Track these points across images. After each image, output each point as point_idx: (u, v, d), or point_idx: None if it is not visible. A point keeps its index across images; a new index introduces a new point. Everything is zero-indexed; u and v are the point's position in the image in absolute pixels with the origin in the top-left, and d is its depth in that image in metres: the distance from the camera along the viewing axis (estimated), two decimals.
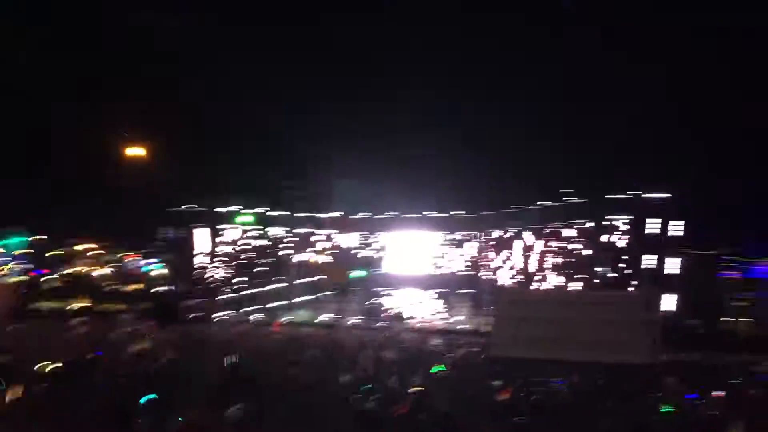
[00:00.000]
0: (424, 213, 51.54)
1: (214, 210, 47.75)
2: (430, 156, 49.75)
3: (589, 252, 39.47)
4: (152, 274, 75.63)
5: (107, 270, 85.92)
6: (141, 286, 64.51)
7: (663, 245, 37.01)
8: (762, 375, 22.85)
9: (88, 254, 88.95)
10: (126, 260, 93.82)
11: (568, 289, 39.43)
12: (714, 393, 19.54)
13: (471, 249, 49.05)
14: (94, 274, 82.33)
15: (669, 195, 37.58)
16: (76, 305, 51.55)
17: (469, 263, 48.05)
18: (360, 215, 54.35)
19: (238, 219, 48.11)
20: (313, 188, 50.28)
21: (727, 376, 23.38)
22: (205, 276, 47.88)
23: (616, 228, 38.27)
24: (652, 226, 37.14)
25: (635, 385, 20.03)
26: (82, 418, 12.59)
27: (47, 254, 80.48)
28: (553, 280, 42.33)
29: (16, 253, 77.13)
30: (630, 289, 34.49)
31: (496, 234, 48.96)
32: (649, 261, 36.07)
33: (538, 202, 44.51)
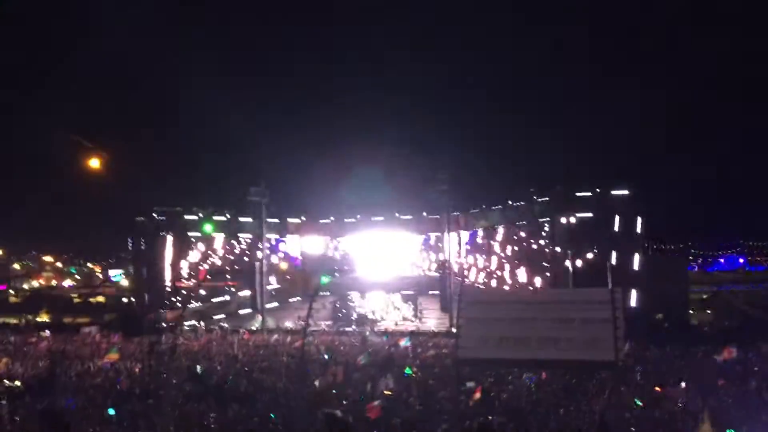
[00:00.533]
0: (391, 215, 51.67)
1: (181, 217, 47.12)
2: (397, 156, 49.99)
3: (553, 250, 39.86)
4: (117, 284, 74.78)
5: (70, 282, 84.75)
6: (105, 297, 63.68)
7: (627, 241, 37.55)
8: (725, 364, 23.35)
9: (49, 267, 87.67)
10: (90, 271, 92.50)
11: (534, 288, 39.80)
12: (681, 385, 19.95)
13: (439, 250, 49.26)
14: (56, 286, 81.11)
15: (631, 192, 38.11)
16: (38, 319, 50.57)
17: (438, 265, 48.24)
18: (325, 220, 54.30)
19: (205, 226, 47.53)
20: (278, 194, 50.01)
21: (693, 368, 23.88)
22: (172, 285, 47.22)
23: (580, 225, 38.72)
24: (617, 222, 37.65)
25: (603, 382, 20.35)
26: None
27: (8, 267, 79.04)
28: (519, 280, 42.71)
29: None
30: (594, 287, 34.93)
31: (463, 235, 49.26)
32: (614, 257, 36.52)
33: (504, 202, 44.85)
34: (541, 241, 41.42)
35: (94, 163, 23.65)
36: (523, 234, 43.25)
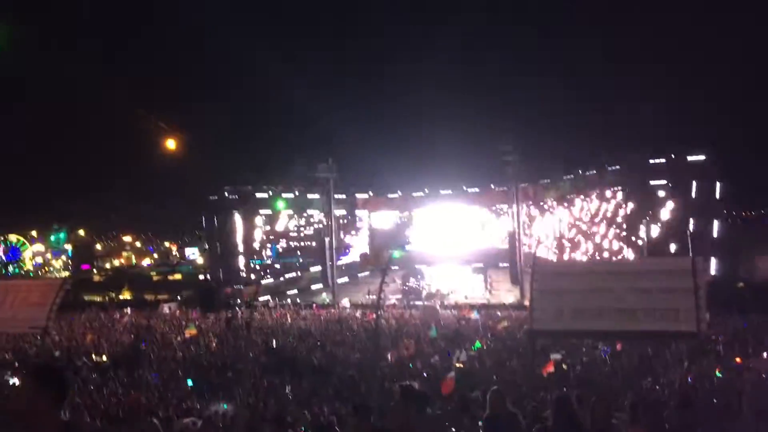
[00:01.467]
0: (459, 188, 51.28)
1: (252, 195, 48.22)
2: (464, 129, 49.44)
3: (628, 218, 38.82)
4: (193, 261, 77.24)
5: (149, 261, 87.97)
6: (182, 275, 65.88)
7: (706, 208, 36.18)
8: None
9: (128, 247, 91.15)
10: (167, 250, 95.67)
11: (610, 258, 38.92)
12: (764, 355, 19.22)
13: (508, 223, 48.68)
14: (137, 265, 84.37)
15: (709, 157, 36.56)
16: (120, 297, 52.78)
17: (507, 237, 47.70)
18: (393, 194, 54.35)
19: (277, 203, 48.55)
20: (346, 169, 50.37)
21: None
22: (246, 261, 48.47)
23: (657, 193, 37.51)
24: (694, 189, 36.27)
25: (680, 353, 19.79)
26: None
27: (91, 248, 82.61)
28: (592, 250, 41.86)
29: (58, 248, 79.34)
30: (673, 255, 33.90)
31: (533, 207, 48.52)
32: (691, 225, 35.31)
33: (575, 171, 43.84)
34: (617, 211, 40.41)
35: (171, 144, 24.35)
36: (596, 202, 42.27)
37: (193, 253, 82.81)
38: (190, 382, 17.56)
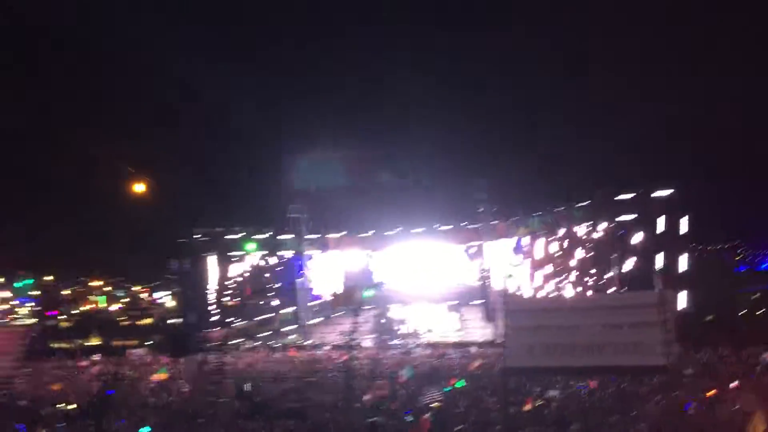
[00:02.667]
0: (432, 225, 51.48)
1: (223, 237, 47.86)
2: (435, 168, 49.90)
3: (598, 254, 39.31)
4: (163, 306, 76.04)
5: (118, 306, 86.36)
6: (152, 319, 64.78)
7: (672, 242, 36.76)
8: None
9: (96, 292, 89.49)
10: (136, 295, 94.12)
11: (579, 294, 39.27)
12: (732, 385, 19.44)
13: (480, 260, 48.95)
14: (105, 310, 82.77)
15: (674, 191, 37.26)
16: (88, 343, 51.64)
17: (481, 274, 47.87)
18: (365, 234, 54.32)
19: (247, 245, 48.18)
20: (317, 209, 50.35)
21: (746, 369, 23.28)
22: (217, 304, 47.87)
23: (625, 228, 38.09)
24: (661, 223, 36.86)
25: (654, 386, 19.95)
26: None
27: (57, 294, 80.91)
28: (564, 286, 42.19)
29: (24, 295, 77.63)
30: (641, 290, 34.30)
31: (505, 242, 48.89)
32: (660, 259, 35.80)
33: (544, 208, 44.40)
34: (585, 246, 40.91)
35: (140, 188, 24.17)
36: (565, 239, 42.77)
37: (162, 296, 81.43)
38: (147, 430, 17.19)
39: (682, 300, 34.99)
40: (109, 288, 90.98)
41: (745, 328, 36.36)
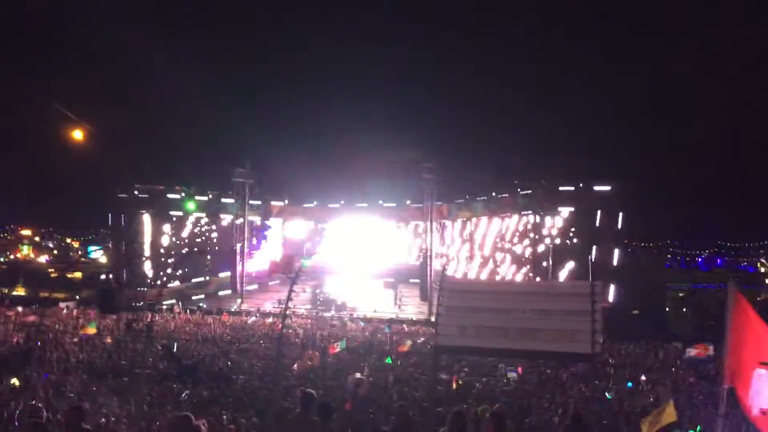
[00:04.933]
0: (375, 202, 51.57)
1: (163, 195, 46.67)
2: (383, 143, 49.83)
3: (535, 242, 40.12)
4: (95, 260, 74.12)
5: (46, 257, 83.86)
6: (82, 273, 63.13)
7: (607, 236, 37.80)
8: (695, 361, 23.77)
9: (26, 240, 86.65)
10: (67, 246, 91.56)
11: (514, 279, 40.07)
12: (649, 379, 20.23)
13: (420, 239, 49.41)
14: (34, 260, 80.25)
15: (613, 188, 38.27)
16: (14, 292, 50.09)
17: (420, 253, 48.32)
18: (309, 204, 54.09)
19: (188, 205, 47.03)
20: (262, 176, 49.69)
21: (666, 364, 24.25)
22: (152, 263, 46.89)
23: (563, 219, 38.97)
24: (599, 217, 37.85)
25: (576, 375, 20.58)
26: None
27: None
28: (500, 270, 42.96)
29: None
30: (574, 279, 35.20)
31: (446, 224, 49.38)
32: (594, 252, 36.80)
33: (488, 193, 44.95)
34: (524, 233, 41.68)
35: (77, 135, 23.31)
36: (506, 225, 43.47)
37: (93, 250, 79.35)
38: None
39: (612, 293, 36.15)
40: (38, 238, 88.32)
41: (670, 324, 37.91)
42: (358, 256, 49.99)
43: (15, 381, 16.53)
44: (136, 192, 45.68)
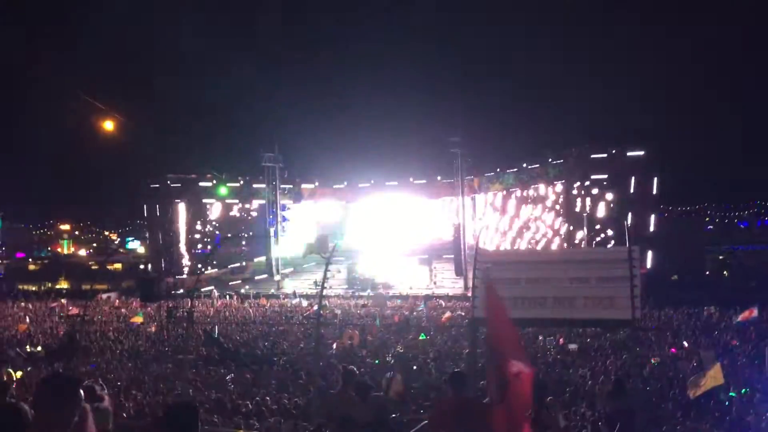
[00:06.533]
0: (405, 179, 51.42)
1: (196, 183, 47.23)
2: (412, 120, 49.59)
3: (570, 211, 39.64)
4: (134, 251, 75.46)
5: (87, 250, 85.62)
6: (122, 264, 64.33)
7: (643, 202, 37.19)
8: (740, 323, 23.29)
9: (66, 235, 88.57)
10: (105, 238, 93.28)
11: (550, 248, 39.69)
12: (692, 344, 19.93)
13: (453, 214, 49.16)
14: (74, 254, 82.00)
15: (647, 153, 37.54)
16: (57, 286, 51.22)
17: (453, 228, 48.10)
18: (339, 185, 54.18)
19: (220, 191, 47.58)
20: (292, 159, 49.83)
21: (709, 328, 23.83)
22: (188, 251, 47.54)
23: (597, 186, 38.40)
24: (632, 183, 37.22)
25: (617, 342, 20.38)
26: None
27: (26, 236, 79.89)
28: (536, 241, 42.62)
29: None
30: (611, 245, 34.78)
31: (479, 197, 49.09)
32: (630, 218, 36.30)
33: (519, 165, 44.50)
34: (558, 203, 41.24)
35: (108, 125, 23.56)
36: (539, 195, 43.05)
37: (129, 241, 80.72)
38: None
39: (649, 259, 35.65)
40: (78, 232, 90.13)
41: (710, 287, 37.27)
42: (390, 235, 49.97)
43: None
44: (168, 182, 46.27)
